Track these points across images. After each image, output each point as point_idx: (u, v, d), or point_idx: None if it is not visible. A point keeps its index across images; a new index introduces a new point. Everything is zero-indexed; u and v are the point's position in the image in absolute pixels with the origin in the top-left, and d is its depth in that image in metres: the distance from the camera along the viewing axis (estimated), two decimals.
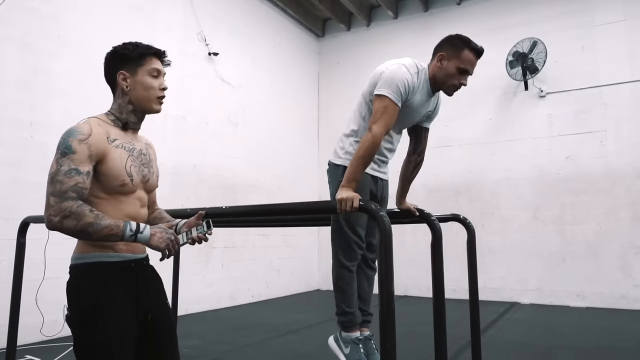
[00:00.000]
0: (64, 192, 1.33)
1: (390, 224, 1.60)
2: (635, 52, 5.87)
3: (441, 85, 2.24)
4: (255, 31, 6.88)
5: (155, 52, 1.58)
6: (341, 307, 2.34)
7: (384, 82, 2.15)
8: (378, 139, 2.05)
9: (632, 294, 5.64)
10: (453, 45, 2.18)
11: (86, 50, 4.55)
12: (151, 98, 1.55)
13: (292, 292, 7.26)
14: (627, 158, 5.80)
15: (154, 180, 1.64)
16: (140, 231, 1.38)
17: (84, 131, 1.42)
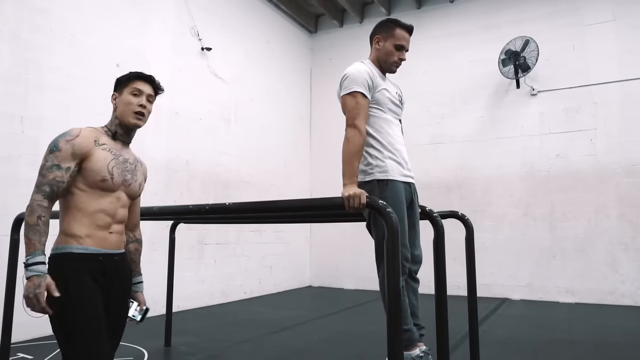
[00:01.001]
0: (42, 184, 1.59)
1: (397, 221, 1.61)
2: (624, 51, 5.96)
3: (384, 64, 2.47)
4: (248, 26, 6.84)
5: (137, 76, 1.83)
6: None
7: (348, 82, 2.35)
8: (363, 132, 2.17)
9: (619, 289, 5.74)
10: (385, 27, 2.47)
11: (78, 44, 4.49)
12: (128, 112, 1.78)
13: (284, 288, 7.27)
14: (616, 156, 5.89)
15: (136, 187, 1.83)
16: (28, 268, 1.52)
17: (73, 133, 1.68)
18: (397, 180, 2.27)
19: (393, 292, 1.57)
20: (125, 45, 4.94)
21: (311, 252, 7.94)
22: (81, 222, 1.65)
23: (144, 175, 1.95)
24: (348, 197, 1.74)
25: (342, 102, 2.30)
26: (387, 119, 2.35)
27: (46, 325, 4.07)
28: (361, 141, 2.14)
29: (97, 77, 4.63)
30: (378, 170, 2.27)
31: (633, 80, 5.87)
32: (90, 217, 1.66)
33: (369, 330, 4.45)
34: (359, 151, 2.13)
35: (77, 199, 1.65)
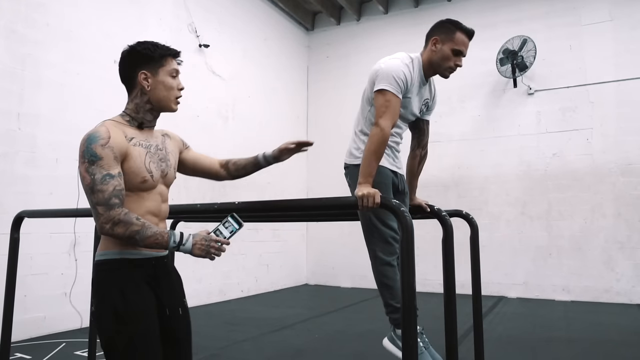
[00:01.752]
0: (108, 199, 1.39)
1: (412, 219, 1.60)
2: (621, 51, 6.00)
3: (437, 68, 2.31)
4: (245, 23, 6.80)
5: (174, 54, 1.61)
6: (391, 305, 2.30)
7: (382, 77, 2.21)
8: (387, 133, 2.10)
9: (615, 287, 5.79)
10: (446, 29, 2.27)
11: (75, 40, 4.43)
12: (171, 98, 1.59)
13: (281, 286, 7.25)
14: (612, 156, 5.94)
15: (172, 173, 1.67)
16: (183, 243, 1.43)
17: (103, 135, 1.45)
18: (384, 165, 2.26)
19: (408, 295, 1.55)
20: (122, 41, 4.82)
21: (307, 250, 7.93)
22: None
23: (179, 145, 1.77)
24: (362, 196, 1.72)
25: (374, 98, 2.21)
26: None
27: (44, 324, 4.04)
28: (382, 141, 2.07)
29: (95, 73, 4.57)
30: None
31: (629, 80, 5.91)
32: None
33: (368, 329, 4.45)
34: (379, 151, 2.07)
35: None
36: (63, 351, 3.55)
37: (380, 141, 2.07)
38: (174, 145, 1.73)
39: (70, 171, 4.32)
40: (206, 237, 1.46)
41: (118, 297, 1.43)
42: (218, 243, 1.45)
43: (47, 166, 4.17)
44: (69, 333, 4.08)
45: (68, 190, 4.28)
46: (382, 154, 2.12)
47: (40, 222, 3.91)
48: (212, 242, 1.45)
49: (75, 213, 3.27)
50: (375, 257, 2.30)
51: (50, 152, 4.20)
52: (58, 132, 4.25)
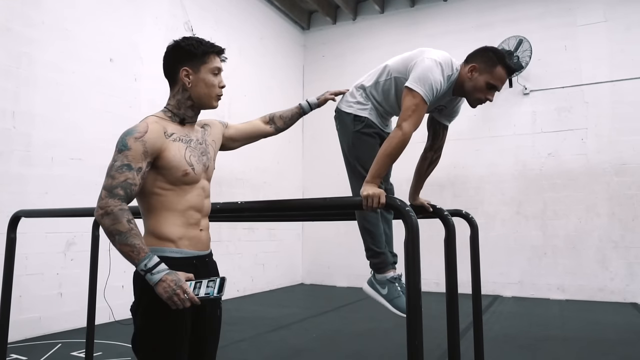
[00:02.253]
0: (114, 187, 1.38)
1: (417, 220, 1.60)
2: (615, 52, 6.04)
3: (467, 96, 2.20)
4: (241, 22, 6.77)
5: (218, 51, 1.60)
6: (372, 250, 2.27)
7: (419, 77, 2.05)
8: (408, 137, 2.01)
9: (609, 286, 5.84)
10: (487, 59, 2.12)
11: (71, 38, 4.39)
12: (212, 95, 1.59)
13: (276, 286, 7.24)
14: (606, 156, 5.98)
15: (212, 165, 1.66)
16: (153, 272, 1.33)
17: (140, 129, 1.45)
18: (373, 120, 2.25)
19: (413, 295, 1.55)
20: (118, 40, 4.85)
21: (303, 249, 7.92)
22: (173, 222, 1.47)
23: (218, 131, 1.76)
24: (367, 196, 1.70)
25: (404, 93, 2.09)
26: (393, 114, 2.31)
27: (39, 325, 4.00)
28: (402, 146, 1.99)
29: (91, 71, 4.54)
30: (360, 107, 2.25)
31: (623, 80, 5.96)
32: (181, 216, 1.49)
33: (366, 328, 4.45)
34: (394, 154, 2.01)
35: (164, 199, 1.48)
36: (59, 352, 3.52)
37: (399, 146, 1.99)
38: (214, 133, 1.74)
39: (66, 170, 4.29)
40: (178, 281, 1.33)
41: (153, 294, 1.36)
42: (185, 295, 1.32)
43: (43, 165, 4.13)
44: (64, 333, 4.04)
45: (64, 190, 4.26)
46: (397, 158, 2.07)
47: (35, 221, 3.87)
48: (179, 291, 1.32)
49: (73, 212, 3.24)
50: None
51: (46, 151, 4.16)
52: (54, 131, 4.21)
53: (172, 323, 1.43)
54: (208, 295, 1.37)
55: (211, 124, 1.76)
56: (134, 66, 5.02)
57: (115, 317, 3.73)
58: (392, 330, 4.40)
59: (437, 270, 3.33)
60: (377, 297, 2.29)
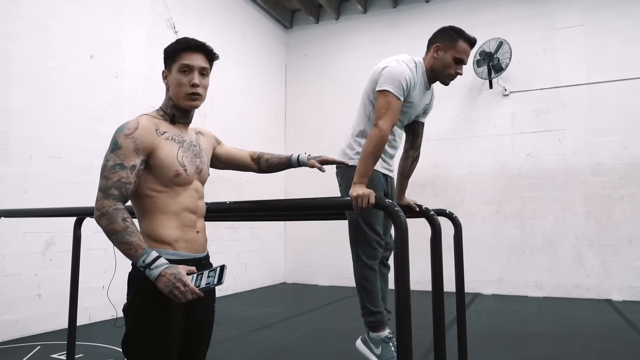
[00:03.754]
0: (108, 188, 1.37)
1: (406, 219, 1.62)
2: (592, 55, 6.20)
3: (438, 75, 2.32)
4: (224, 19, 6.73)
5: (185, 47, 1.52)
6: (368, 308, 2.31)
7: (386, 78, 2.19)
8: (385, 134, 2.09)
9: (584, 283, 6.00)
10: (448, 36, 2.27)
11: (51, 33, 4.30)
12: (180, 95, 1.52)
13: (258, 285, 7.21)
14: (583, 156, 6.14)
15: (206, 170, 1.64)
16: (151, 267, 1.31)
17: (131, 126, 1.45)
18: (377, 169, 2.28)
19: (402, 294, 1.57)
20: (99, 36, 4.77)
21: (285, 248, 7.92)
22: (169, 224, 1.45)
23: (212, 142, 1.76)
24: (356, 196, 1.72)
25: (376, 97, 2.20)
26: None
27: (17, 327, 3.91)
28: (381, 142, 2.07)
29: (70, 68, 4.45)
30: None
31: (599, 83, 6.12)
32: (176, 218, 1.47)
33: (349, 327, 4.47)
34: (376, 151, 2.07)
35: (157, 201, 1.46)
36: (39, 354, 3.45)
37: (379, 143, 2.07)
38: (207, 142, 1.73)
39: (45, 169, 4.20)
40: (178, 274, 1.31)
41: (145, 296, 1.39)
42: (186, 287, 1.30)
43: (20, 163, 4.03)
44: (44, 335, 3.96)
45: (42, 188, 4.16)
46: (379, 155, 2.13)
47: (13, 221, 3.78)
48: (179, 284, 1.29)
49: (54, 212, 3.18)
50: (358, 259, 2.31)
51: (24, 148, 4.06)
52: (31, 129, 4.11)
53: (164, 326, 1.42)
54: (209, 285, 1.36)
55: (205, 133, 1.76)
56: (115, 63, 4.94)
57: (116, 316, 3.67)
58: None
59: (420, 269, 3.37)
60: (370, 356, 2.34)
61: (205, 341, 1.62)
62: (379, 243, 2.29)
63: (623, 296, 5.79)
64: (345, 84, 7.64)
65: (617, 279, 5.85)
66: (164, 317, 1.40)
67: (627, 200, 5.89)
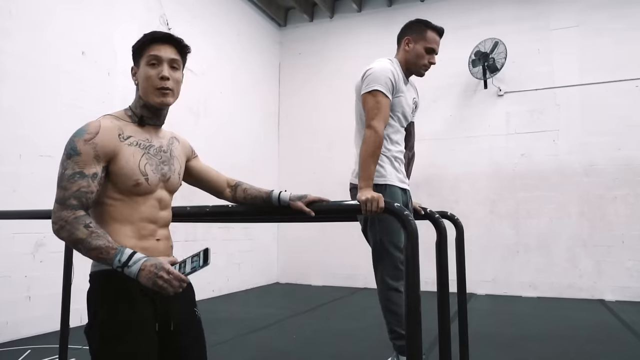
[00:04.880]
0: (66, 199, 1.27)
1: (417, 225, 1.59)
2: (586, 57, 6.22)
3: (413, 67, 2.38)
4: (218, 17, 6.64)
5: (152, 38, 1.43)
6: (396, 332, 2.27)
7: (370, 79, 2.22)
8: (381, 133, 2.09)
9: (577, 283, 6.03)
10: (416, 28, 2.36)
11: (41, 29, 4.19)
12: (149, 90, 1.42)
13: (252, 285, 7.15)
14: (577, 157, 6.16)
15: (175, 178, 1.52)
16: (129, 265, 1.21)
17: (91, 130, 1.34)
18: (395, 185, 2.25)
19: (413, 304, 1.53)
20: (91, 32, 4.67)
21: (278, 248, 7.86)
22: (125, 233, 1.36)
23: (187, 151, 1.64)
24: (365, 200, 1.68)
25: (363, 100, 2.21)
26: (394, 126, 2.32)
27: (6, 330, 3.81)
28: (377, 143, 2.07)
29: (61, 65, 4.35)
30: (377, 175, 2.24)
31: (593, 84, 6.14)
32: (132, 227, 1.38)
33: (346, 328, 4.45)
34: (375, 153, 2.07)
35: (113, 210, 1.36)
36: (29, 358, 3.36)
37: (375, 143, 2.06)
38: (181, 150, 1.61)
39: (35, 168, 4.10)
40: (159, 264, 1.21)
41: (107, 314, 1.30)
42: (170, 275, 1.20)
43: (10, 162, 3.93)
44: (34, 339, 3.87)
45: (32, 188, 4.06)
46: (378, 155, 2.11)
47: (1, 221, 3.69)
48: (162, 272, 1.20)
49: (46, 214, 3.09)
50: (383, 281, 2.26)
51: (13, 147, 3.96)
52: (21, 127, 4.01)
53: (133, 341, 1.30)
54: (195, 269, 1.28)
55: (181, 141, 1.64)
56: (107, 60, 4.84)
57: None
58: (371, 329, 4.40)
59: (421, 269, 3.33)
60: None
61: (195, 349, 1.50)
62: (403, 263, 2.24)
63: (616, 296, 5.82)
64: (339, 83, 7.60)
65: (610, 279, 5.89)
66: (130, 332, 1.29)
67: (620, 201, 5.93)
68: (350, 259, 7.22)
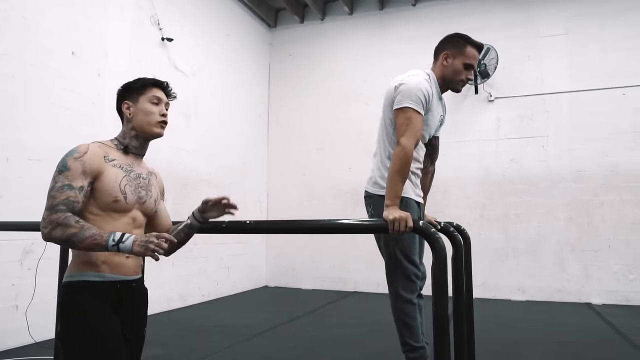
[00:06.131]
0: (55, 205, 1.42)
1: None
2: (575, 64, 6.32)
3: (450, 83, 2.32)
4: (209, 17, 6.54)
5: (154, 82, 1.68)
6: (410, 344, 2.23)
7: (403, 94, 2.15)
8: (410, 151, 2.03)
9: (566, 287, 6.12)
10: (456, 43, 2.28)
11: (31, 28, 4.05)
12: (151, 122, 1.65)
13: (241, 289, 7.07)
14: (565, 162, 6.25)
15: (151, 203, 1.69)
16: (123, 240, 1.38)
17: (81, 150, 1.52)
18: (412, 198, 2.23)
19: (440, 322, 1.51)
20: (81, 31, 4.53)
21: (267, 251, 7.79)
22: None
23: (161, 189, 1.82)
24: (393, 220, 1.65)
25: (394, 115, 2.17)
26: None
27: None
28: (407, 160, 2.02)
29: (51, 65, 4.21)
30: None
31: (581, 91, 6.25)
32: None
33: (341, 334, 4.42)
34: (403, 171, 2.02)
35: (92, 223, 1.48)
36: None
37: (404, 161, 2.01)
38: (156, 185, 1.77)
39: (22, 172, 3.96)
40: (148, 235, 1.41)
41: (80, 319, 1.45)
42: (160, 239, 1.38)
43: None
44: (21, 350, 3.74)
45: (20, 193, 3.92)
46: (407, 173, 2.06)
47: None
48: (152, 237, 1.38)
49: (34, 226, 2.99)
50: (397, 294, 2.23)
51: (0, 151, 3.81)
52: (9, 129, 3.87)
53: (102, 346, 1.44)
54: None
55: (159, 178, 1.82)
56: (98, 60, 4.71)
57: None
58: (369, 336, 4.39)
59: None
60: None
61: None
62: (417, 275, 2.23)
63: (602, 300, 5.94)
64: (330, 86, 7.58)
65: (597, 283, 6.00)
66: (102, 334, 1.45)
67: (607, 206, 6.04)
68: (340, 263, 7.21)
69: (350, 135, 7.26)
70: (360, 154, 7.08)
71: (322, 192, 7.42)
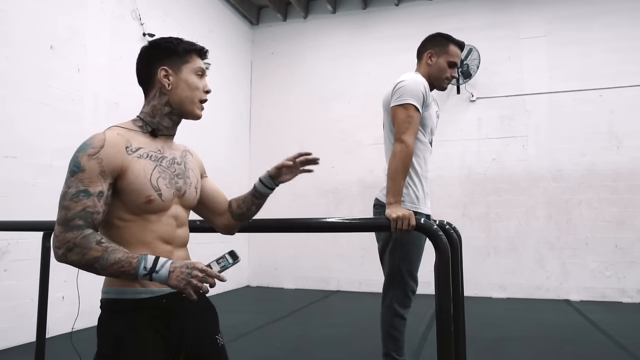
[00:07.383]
0: (70, 219, 1.13)
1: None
2: (554, 66, 6.45)
3: (436, 81, 2.35)
4: (191, 13, 6.43)
5: (200, 50, 1.40)
6: (392, 356, 2.23)
7: (402, 92, 2.15)
8: (411, 148, 2.03)
9: (545, 284, 6.24)
10: (439, 42, 2.34)
11: (7, 20, 3.90)
12: (194, 100, 1.37)
13: (222, 289, 6.97)
14: (544, 162, 6.38)
15: (192, 193, 1.40)
16: (157, 270, 1.13)
17: (96, 144, 1.20)
18: (424, 212, 2.23)
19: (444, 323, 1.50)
20: (59, 25, 4.39)
21: (249, 250, 7.71)
22: None
23: (200, 168, 1.52)
24: (396, 218, 1.63)
25: (393, 113, 2.15)
26: (425, 143, 2.29)
27: None
28: (408, 158, 2.02)
29: (28, 59, 4.06)
30: (409, 199, 2.20)
31: (560, 92, 6.38)
32: (146, 250, 1.25)
33: (326, 333, 4.40)
34: (405, 168, 2.01)
35: (123, 232, 1.24)
36: None
37: (406, 158, 2.01)
38: (195, 164, 1.48)
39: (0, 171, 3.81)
40: (189, 264, 1.15)
41: (114, 347, 1.21)
42: (203, 273, 1.15)
43: None
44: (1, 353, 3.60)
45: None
46: (407, 170, 2.06)
47: None
48: (196, 271, 1.14)
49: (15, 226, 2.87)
50: (390, 307, 2.23)
51: None
52: None
53: None
54: (225, 267, 1.26)
55: (194, 155, 1.51)
56: (77, 55, 4.57)
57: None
58: (353, 335, 4.38)
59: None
60: None
61: None
62: (413, 292, 2.25)
63: (580, 296, 6.07)
64: (312, 84, 7.55)
65: (575, 280, 6.13)
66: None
67: (585, 204, 6.18)
68: (322, 262, 7.18)
69: (332, 134, 7.25)
70: (342, 153, 7.08)
71: (305, 190, 7.38)
